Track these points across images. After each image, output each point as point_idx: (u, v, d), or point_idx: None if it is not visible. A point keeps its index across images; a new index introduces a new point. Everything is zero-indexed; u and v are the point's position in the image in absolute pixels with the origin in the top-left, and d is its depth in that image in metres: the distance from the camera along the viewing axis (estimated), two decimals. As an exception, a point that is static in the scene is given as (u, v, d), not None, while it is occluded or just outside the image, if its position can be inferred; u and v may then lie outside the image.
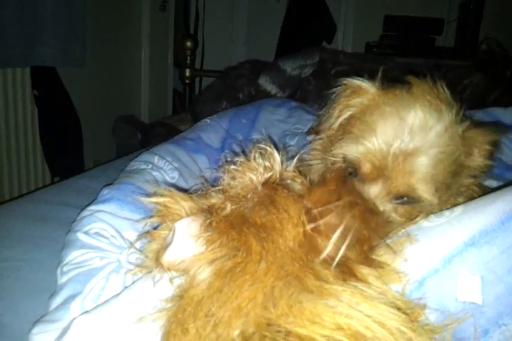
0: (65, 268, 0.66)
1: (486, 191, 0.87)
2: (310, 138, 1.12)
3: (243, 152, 0.62)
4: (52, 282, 0.71)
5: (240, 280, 0.43)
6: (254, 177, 0.56)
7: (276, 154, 0.58)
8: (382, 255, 0.55)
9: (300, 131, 1.45)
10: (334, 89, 0.90)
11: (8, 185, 2.09)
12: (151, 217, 0.55)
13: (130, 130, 2.85)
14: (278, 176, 0.57)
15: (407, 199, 0.74)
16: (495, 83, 1.89)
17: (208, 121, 1.40)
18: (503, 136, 1.31)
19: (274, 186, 0.55)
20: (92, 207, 0.79)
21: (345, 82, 0.87)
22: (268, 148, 0.58)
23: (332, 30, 3.12)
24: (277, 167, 0.57)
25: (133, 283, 0.56)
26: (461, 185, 0.83)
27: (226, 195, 0.55)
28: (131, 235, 0.74)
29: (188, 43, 2.40)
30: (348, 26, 3.31)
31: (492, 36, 2.10)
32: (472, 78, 1.89)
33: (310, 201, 0.54)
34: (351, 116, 0.85)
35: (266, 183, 0.55)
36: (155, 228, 0.58)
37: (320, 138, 0.98)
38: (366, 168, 0.74)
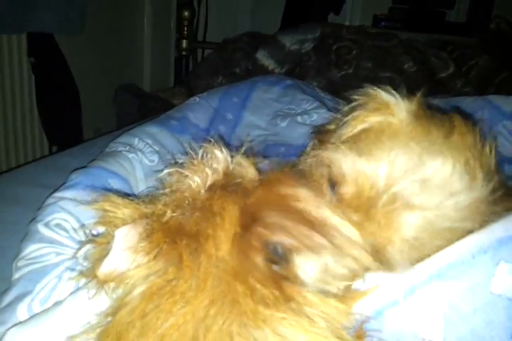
0: (19, 263, 0.65)
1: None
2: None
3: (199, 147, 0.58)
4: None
5: (168, 302, 0.40)
6: (199, 180, 0.52)
7: (220, 153, 0.54)
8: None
9: (293, 111, 1.41)
10: (357, 95, 0.69)
11: (5, 154, 2.08)
12: (94, 223, 0.53)
13: (130, 99, 2.82)
14: (223, 176, 0.53)
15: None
16: (502, 65, 1.82)
17: (197, 99, 1.36)
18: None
19: (215, 188, 0.51)
20: (57, 194, 0.77)
21: (373, 92, 0.66)
22: (213, 148, 0.55)
23: (340, 1, 3.00)
24: (223, 166, 0.54)
25: (77, 289, 0.54)
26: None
27: (169, 199, 0.51)
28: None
29: (186, 13, 2.32)
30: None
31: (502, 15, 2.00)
32: (478, 59, 1.82)
33: (253, 198, 0.48)
34: (363, 130, 0.65)
35: (211, 186, 0.52)
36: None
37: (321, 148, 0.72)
38: (347, 190, 0.56)
